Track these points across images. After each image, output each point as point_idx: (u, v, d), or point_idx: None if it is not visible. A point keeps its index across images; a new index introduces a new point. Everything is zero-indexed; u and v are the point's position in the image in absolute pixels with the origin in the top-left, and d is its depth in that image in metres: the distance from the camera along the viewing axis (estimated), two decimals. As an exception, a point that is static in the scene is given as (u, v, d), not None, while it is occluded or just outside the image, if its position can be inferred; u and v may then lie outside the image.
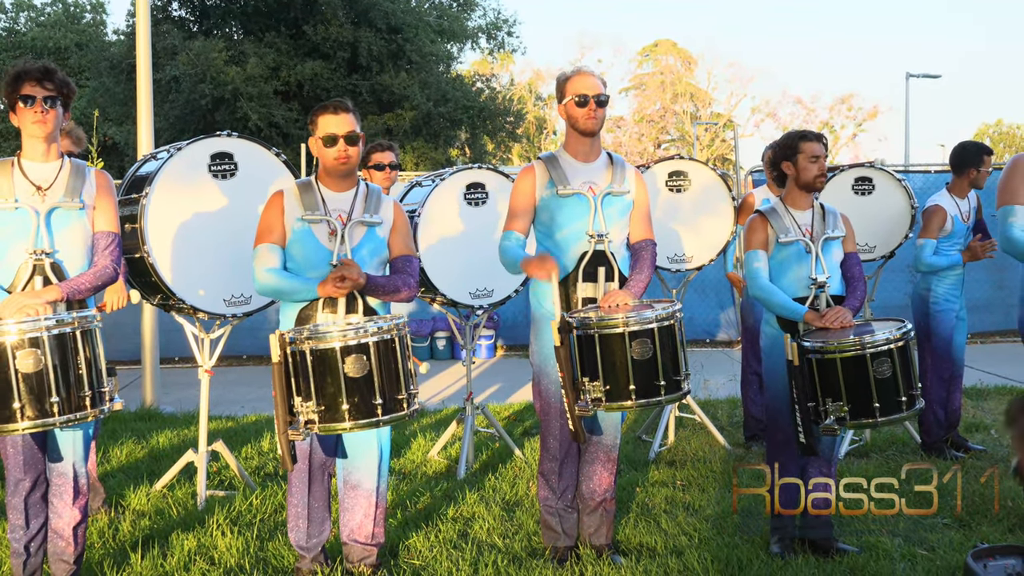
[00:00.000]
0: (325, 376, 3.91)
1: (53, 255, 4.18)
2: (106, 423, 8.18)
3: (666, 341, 4.27)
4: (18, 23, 32.60)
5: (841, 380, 4.47)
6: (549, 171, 4.64)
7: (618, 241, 4.66)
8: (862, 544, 4.98)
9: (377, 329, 3.96)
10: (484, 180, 6.70)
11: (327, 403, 3.92)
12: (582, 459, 4.84)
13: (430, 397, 9.72)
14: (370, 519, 4.48)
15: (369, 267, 4.34)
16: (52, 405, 3.81)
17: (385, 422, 3.99)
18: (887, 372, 4.46)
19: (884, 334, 4.49)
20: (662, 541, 5.07)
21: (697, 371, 10.24)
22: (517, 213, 4.69)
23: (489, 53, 26.80)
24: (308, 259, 4.29)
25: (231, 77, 20.01)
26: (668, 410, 7.21)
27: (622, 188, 4.66)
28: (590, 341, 4.25)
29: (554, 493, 4.80)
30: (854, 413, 4.49)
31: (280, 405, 3.93)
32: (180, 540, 5.08)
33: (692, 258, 7.15)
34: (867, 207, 7.06)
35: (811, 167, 4.91)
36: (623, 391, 4.24)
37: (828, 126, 51.49)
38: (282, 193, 4.38)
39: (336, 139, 4.30)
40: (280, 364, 3.92)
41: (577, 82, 4.62)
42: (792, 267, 4.87)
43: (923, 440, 6.93)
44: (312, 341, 3.92)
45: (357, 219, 4.34)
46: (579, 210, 4.59)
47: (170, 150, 5.85)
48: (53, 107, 4.18)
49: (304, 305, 4.29)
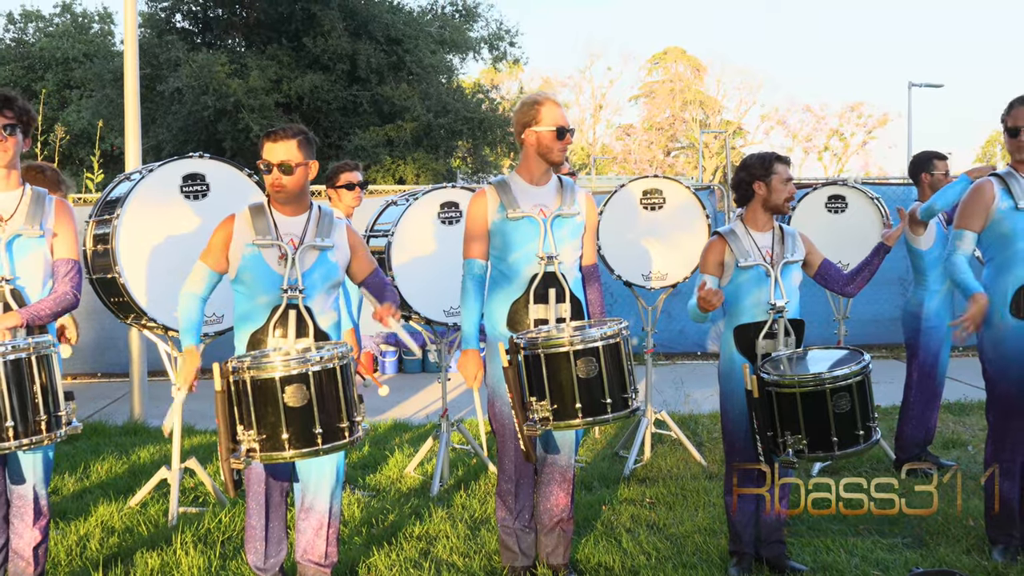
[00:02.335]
0: (266, 405, 3.94)
1: (13, 282, 4.26)
2: (89, 438, 8.27)
3: (611, 359, 4.31)
4: (26, 33, 32.77)
5: (800, 413, 4.49)
6: (500, 195, 4.70)
7: (569, 263, 4.72)
8: (818, 563, 5.03)
9: (320, 359, 3.99)
10: (458, 199, 6.77)
11: (268, 432, 3.95)
12: (539, 479, 4.89)
13: (415, 412, 9.78)
14: (323, 539, 4.53)
15: (320, 291, 4.40)
16: (7, 429, 3.88)
17: (326, 451, 4.02)
18: (846, 407, 4.48)
19: (844, 370, 4.51)
20: (620, 560, 5.11)
21: (679, 385, 10.33)
22: (474, 237, 4.77)
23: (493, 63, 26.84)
24: (259, 284, 4.33)
25: (233, 89, 20.10)
26: (644, 425, 7.25)
27: (571, 210, 4.72)
28: (536, 360, 4.31)
29: (511, 513, 4.85)
30: (812, 446, 4.51)
31: (223, 433, 3.97)
32: (144, 558, 5.15)
33: (667, 275, 7.20)
34: (840, 225, 7.11)
35: (783, 189, 4.92)
36: (570, 410, 4.28)
37: (838, 134, 51.49)
38: (233, 218, 4.42)
39: (271, 167, 4.33)
40: (223, 392, 3.97)
41: (551, 110, 4.66)
42: (751, 291, 4.89)
43: (897, 456, 6.96)
44: (254, 371, 3.96)
45: (308, 243, 4.39)
46: (530, 232, 4.66)
47: (142, 171, 5.94)
48: (12, 134, 4.26)
49: (256, 328, 4.35)
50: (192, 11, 23.37)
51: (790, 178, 4.95)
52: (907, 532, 5.47)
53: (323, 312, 4.41)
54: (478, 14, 25.47)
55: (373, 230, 6.95)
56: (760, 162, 4.99)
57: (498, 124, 22.65)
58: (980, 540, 5.27)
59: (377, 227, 6.95)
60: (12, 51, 31.75)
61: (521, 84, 44.34)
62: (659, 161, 50.59)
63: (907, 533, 5.46)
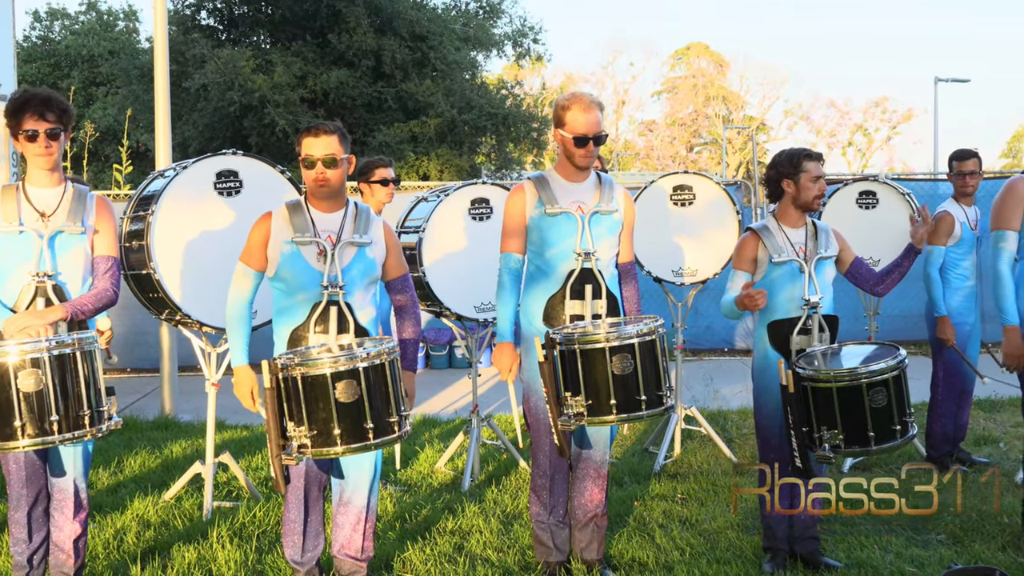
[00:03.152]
0: (317, 401, 3.97)
1: (55, 277, 4.31)
2: (122, 433, 8.33)
3: (647, 356, 4.32)
4: (52, 31, 33.00)
5: (837, 408, 4.47)
6: (538, 191, 4.72)
7: (606, 259, 4.73)
8: (852, 559, 5.02)
9: (367, 355, 4.01)
10: (488, 195, 6.78)
11: (319, 428, 3.97)
12: (573, 475, 4.91)
13: (443, 408, 9.81)
14: (359, 534, 4.56)
15: (359, 287, 4.42)
16: (52, 424, 3.92)
17: (376, 445, 4.04)
18: (883, 401, 4.46)
19: (880, 364, 4.50)
20: (654, 556, 5.13)
21: (709, 381, 10.32)
22: (511, 233, 4.79)
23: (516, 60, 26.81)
24: (298, 281, 4.36)
25: (259, 85, 20.19)
26: (674, 421, 7.25)
27: (610, 207, 4.73)
28: (572, 356, 4.32)
29: (545, 508, 4.87)
30: (849, 441, 4.49)
31: (273, 430, 4.00)
32: (181, 552, 5.19)
33: (696, 271, 7.20)
34: (871, 221, 7.09)
35: (812, 187, 4.91)
36: (604, 406, 4.29)
37: (862, 129, 51.27)
38: (270, 215, 4.45)
39: (314, 162, 4.35)
40: (272, 390, 4.00)
41: (576, 116, 4.62)
42: (785, 287, 4.89)
43: (928, 453, 6.94)
44: (303, 367, 3.98)
45: (347, 240, 4.42)
46: (567, 229, 4.67)
47: (176, 168, 5.98)
48: (56, 139, 4.31)
49: (297, 325, 4.38)
50: (217, 8, 23.47)
51: (819, 176, 4.92)
52: (941, 529, 5.45)
53: (362, 308, 4.44)
54: (502, 11, 25.48)
55: (404, 226, 6.97)
56: (788, 160, 4.97)
57: (522, 120, 22.66)
58: (1016, 536, 5.25)
59: (408, 223, 6.96)
60: (38, 49, 31.99)
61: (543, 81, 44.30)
62: (682, 157, 50.51)
63: (941, 530, 5.45)
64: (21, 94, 4.30)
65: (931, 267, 6.73)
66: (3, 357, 3.90)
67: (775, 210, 5.08)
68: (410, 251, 6.52)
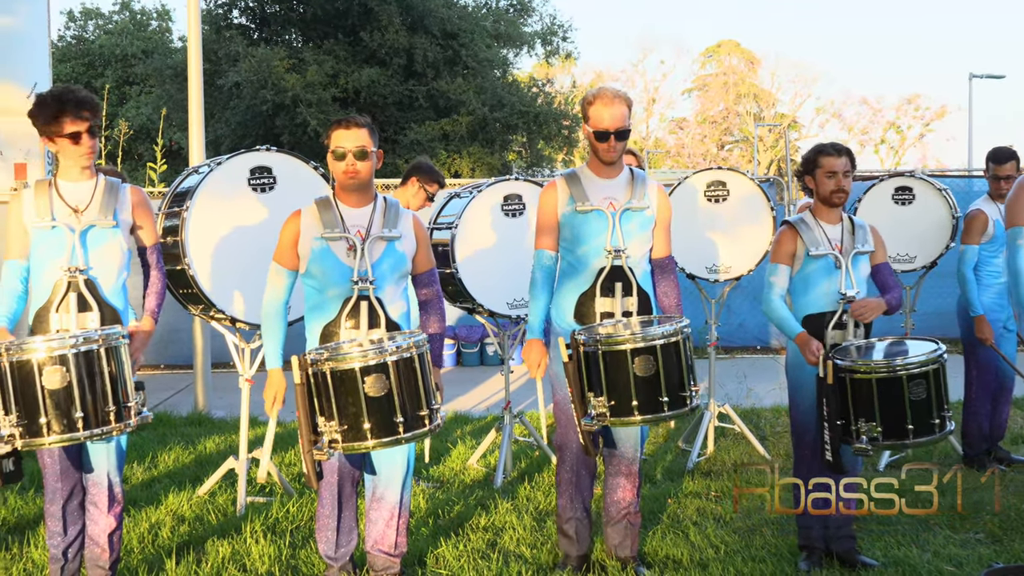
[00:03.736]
0: (346, 396, 3.98)
1: (87, 272, 4.33)
2: (156, 429, 8.39)
3: (670, 357, 4.29)
4: (86, 31, 33.32)
5: (876, 400, 4.44)
6: (570, 188, 4.71)
7: (637, 256, 4.70)
8: (889, 558, 4.97)
9: (396, 348, 4.01)
10: (521, 191, 6.76)
11: (349, 422, 3.98)
12: (606, 472, 4.90)
13: (476, 404, 9.81)
14: (393, 529, 4.56)
15: (389, 281, 4.42)
16: (77, 420, 3.94)
17: (407, 439, 4.05)
18: (922, 394, 4.43)
19: (920, 356, 4.46)
20: (688, 553, 5.09)
21: (742, 379, 10.26)
22: (543, 229, 4.79)
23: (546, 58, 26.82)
24: (329, 276, 4.36)
25: (291, 84, 20.30)
26: (707, 419, 7.21)
27: (641, 203, 4.70)
28: (595, 357, 4.30)
29: (571, 501, 4.86)
30: (887, 433, 4.46)
31: (304, 425, 4.02)
32: (215, 547, 5.21)
33: (730, 268, 7.15)
34: (908, 217, 7.03)
35: (827, 182, 4.88)
36: (627, 407, 4.27)
37: (895, 126, 50.83)
38: (299, 213, 4.45)
39: (344, 154, 4.34)
40: (302, 385, 4.01)
41: (599, 112, 4.61)
42: (821, 280, 4.85)
43: (965, 452, 6.87)
44: (332, 362, 3.99)
45: (376, 234, 4.41)
46: (598, 226, 4.65)
47: (211, 164, 6.01)
48: (95, 136, 4.35)
49: (328, 321, 4.38)
50: (250, 7, 23.62)
51: (837, 171, 4.85)
52: (980, 528, 5.39)
53: (393, 302, 4.44)
54: (532, 8, 25.49)
55: (436, 223, 6.96)
56: (808, 156, 4.99)
57: (553, 118, 22.65)
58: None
59: (440, 220, 6.96)
60: (73, 48, 32.32)
61: (573, 78, 44.24)
62: (713, 155, 50.28)
63: (979, 529, 5.39)
64: (51, 98, 4.30)
65: (965, 266, 6.63)
66: (29, 354, 3.92)
67: (811, 205, 5.06)
68: (443, 247, 6.52)
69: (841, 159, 4.87)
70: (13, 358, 3.91)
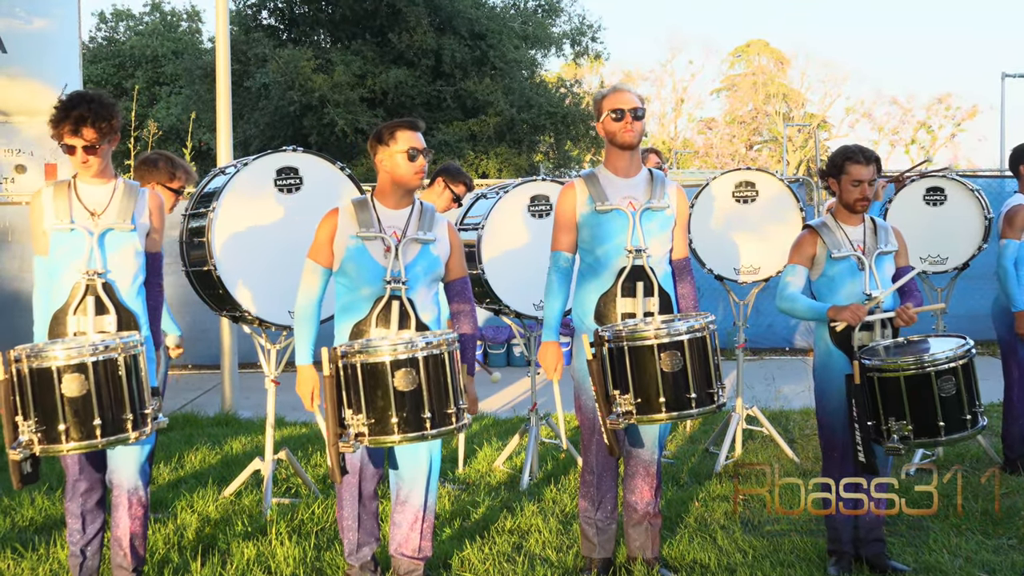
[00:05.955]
0: (375, 389, 4.00)
1: (105, 275, 4.33)
2: (182, 429, 8.41)
3: (697, 354, 4.26)
4: (117, 32, 33.56)
5: (905, 398, 4.41)
6: (588, 188, 4.68)
7: (657, 256, 4.66)
8: (920, 563, 4.91)
9: (427, 344, 4.04)
10: (548, 192, 6.73)
11: (377, 416, 4.00)
12: (625, 473, 4.87)
13: (503, 405, 9.78)
14: (416, 533, 4.55)
15: (422, 284, 4.42)
16: (95, 427, 3.95)
17: (433, 436, 4.06)
18: (951, 390, 4.39)
19: (947, 352, 4.41)
20: (715, 558, 5.05)
21: (770, 381, 10.18)
22: (561, 230, 4.77)
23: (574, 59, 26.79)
24: (362, 276, 4.36)
25: (319, 84, 20.34)
26: (735, 422, 7.15)
27: (661, 203, 4.67)
28: (620, 354, 4.27)
29: (593, 504, 4.83)
30: (918, 432, 4.43)
31: (331, 417, 4.03)
32: (240, 548, 5.20)
33: (759, 269, 7.09)
34: (939, 218, 6.95)
35: (852, 191, 4.84)
36: (654, 404, 4.24)
37: (925, 126, 50.41)
38: (337, 211, 4.47)
39: (418, 153, 4.40)
40: (332, 377, 4.02)
41: (613, 99, 4.64)
42: (845, 283, 4.81)
43: (1006, 455, 6.75)
44: (363, 355, 4.01)
45: (411, 236, 4.42)
46: (618, 225, 4.62)
47: (237, 165, 6.00)
48: (94, 152, 4.30)
49: (359, 320, 4.38)
50: (278, 7, 23.69)
51: (863, 180, 4.80)
52: (1012, 533, 5.32)
53: (425, 306, 4.43)
54: (560, 9, 25.44)
55: (463, 223, 6.94)
56: (836, 159, 4.93)
57: (581, 119, 22.61)
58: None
59: (467, 220, 6.93)
60: (104, 49, 32.54)
61: (602, 79, 44.13)
62: (741, 155, 50.03)
63: (1012, 534, 5.31)
64: (63, 103, 4.28)
65: (1006, 260, 6.51)
66: (48, 362, 3.93)
67: (832, 207, 5.01)
68: (469, 248, 6.49)
69: (869, 168, 4.82)
70: (32, 365, 3.92)
